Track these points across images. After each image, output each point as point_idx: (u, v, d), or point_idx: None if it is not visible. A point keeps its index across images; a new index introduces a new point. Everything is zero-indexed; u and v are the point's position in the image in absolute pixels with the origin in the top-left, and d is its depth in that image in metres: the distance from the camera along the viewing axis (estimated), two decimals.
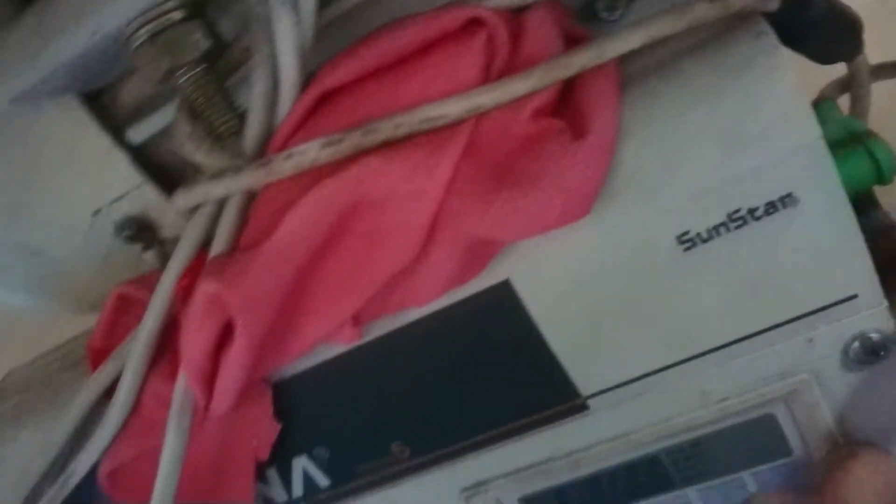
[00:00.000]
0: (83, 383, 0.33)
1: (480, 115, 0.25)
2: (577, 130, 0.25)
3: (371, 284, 0.24)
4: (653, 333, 0.29)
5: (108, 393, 0.33)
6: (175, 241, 0.35)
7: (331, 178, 0.24)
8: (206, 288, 0.24)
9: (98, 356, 0.34)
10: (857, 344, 0.28)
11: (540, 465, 0.33)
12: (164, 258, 0.35)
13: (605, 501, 0.34)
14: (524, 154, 0.25)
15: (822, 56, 0.29)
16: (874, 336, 0.28)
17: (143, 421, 0.32)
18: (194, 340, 0.26)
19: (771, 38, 0.25)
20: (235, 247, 0.27)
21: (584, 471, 0.33)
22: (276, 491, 0.35)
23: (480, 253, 0.26)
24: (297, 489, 0.35)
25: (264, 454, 0.32)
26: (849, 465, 0.28)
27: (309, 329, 0.26)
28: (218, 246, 0.27)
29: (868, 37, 0.32)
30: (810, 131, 0.25)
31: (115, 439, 0.32)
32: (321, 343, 0.28)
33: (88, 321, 0.36)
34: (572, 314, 0.28)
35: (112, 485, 0.33)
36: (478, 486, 0.33)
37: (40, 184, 0.33)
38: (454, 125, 0.25)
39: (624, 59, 0.27)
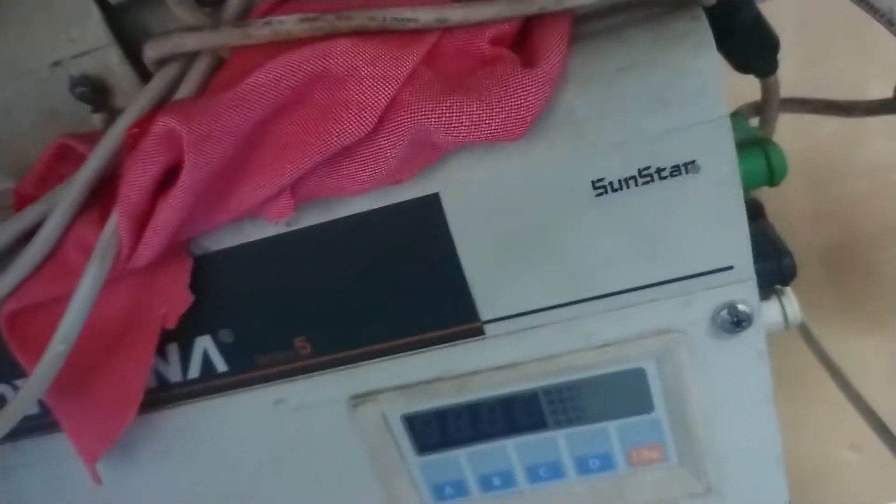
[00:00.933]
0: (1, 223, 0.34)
1: (444, 31, 0.28)
2: (527, 63, 0.28)
3: (318, 152, 0.26)
4: (555, 270, 0.32)
5: (26, 239, 0.34)
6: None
7: (300, 47, 0.26)
8: (163, 121, 0.26)
9: (24, 202, 0.34)
10: (725, 312, 0.32)
11: (428, 383, 0.35)
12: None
13: (482, 432, 0.36)
14: (477, 71, 0.27)
15: (739, 62, 0.34)
16: (741, 307, 0.32)
17: (59, 265, 0.32)
18: (137, 177, 0.27)
19: (703, 22, 0.29)
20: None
21: (468, 396, 0.35)
22: (172, 370, 0.36)
23: (419, 153, 0.28)
24: (194, 370, 0.36)
25: (172, 322, 0.33)
26: None
27: (248, 189, 0.28)
28: (181, 96, 0.28)
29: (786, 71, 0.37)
30: (720, 107, 0.28)
31: (26, 280, 0.33)
32: (255, 207, 0.29)
33: None
34: (488, 237, 0.31)
35: (10, 327, 0.34)
36: (366, 396, 0.35)
37: (6, 21, 0.33)
38: (420, 33, 0.27)
39: (577, 22, 0.30)
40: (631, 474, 0.37)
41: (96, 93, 0.35)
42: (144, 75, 0.35)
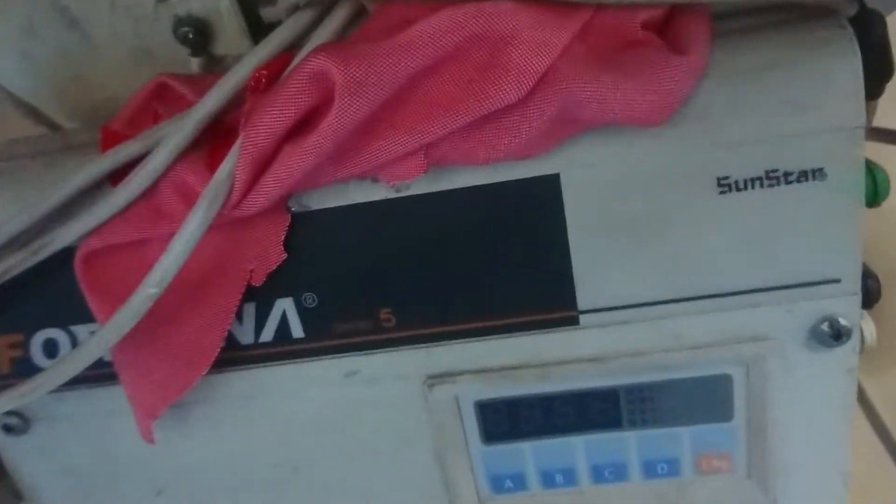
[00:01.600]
0: (88, 161, 0.32)
1: (599, 8, 0.27)
2: (676, 51, 0.27)
3: (468, 113, 0.26)
4: (662, 265, 0.31)
5: (111, 178, 0.32)
6: (224, 61, 0.35)
7: (461, 4, 0.25)
8: (317, 60, 0.25)
9: (112, 139, 0.33)
10: (826, 325, 0.32)
11: (511, 369, 0.34)
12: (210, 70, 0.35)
13: (553, 426, 0.36)
14: (629, 52, 0.27)
15: None
16: (842, 321, 0.32)
17: (152, 207, 0.31)
18: (271, 119, 0.26)
19: (849, 31, 0.29)
20: None
21: (548, 387, 0.35)
22: (245, 331, 0.34)
23: (556, 127, 0.28)
24: (268, 333, 0.34)
25: (259, 279, 0.32)
26: None
27: (384, 143, 0.27)
28: (316, 42, 0.27)
29: None
30: (858, 117, 0.28)
31: (112, 220, 0.31)
32: (382, 165, 0.28)
33: None
34: (601, 224, 0.31)
35: (86, 267, 0.32)
36: (444, 377, 0.34)
37: None
38: (577, 7, 0.27)
39: (715, 19, 0.30)
40: (695, 481, 0.37)
41: (199, 35, 0.33)
42: (251, 25, 0.34)
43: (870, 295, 0.35)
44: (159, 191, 0.31)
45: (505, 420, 0.36)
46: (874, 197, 0.33)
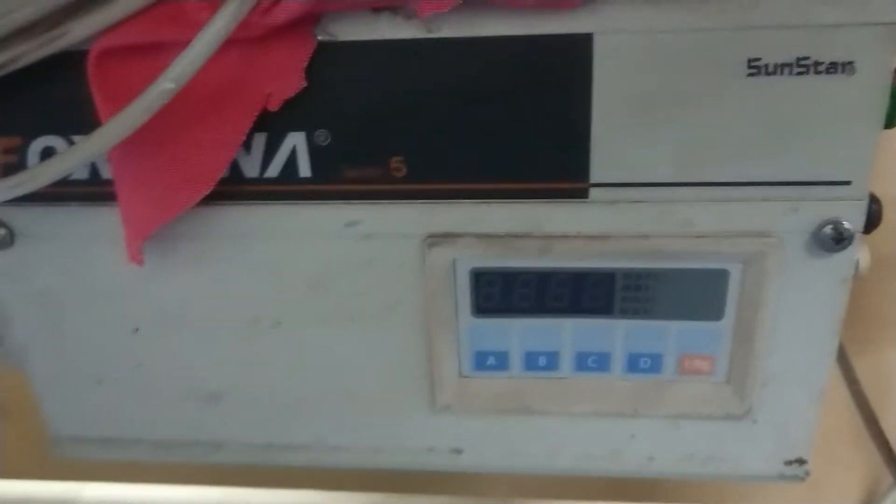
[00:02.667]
0: None
1: None
2: None
3: None
4: (681, 144, 0.31)
5: None
6: None
7: None
8: None
9: None
10: (830, 227, 0.32)
11: (513, 237, 0.34)
12: None
13: (544, 306, 0.36)
14: None
15: None
16: (846, 224, 0.32)
17: (174, 9, 0.30)
18: None
19: None
20: None
21: (547, 262, 0.35)
22: (250, 163, 0.34)
23: None
24: (275, 169, 0.34)
25: (275, 104, 0.31)
26: None
27: None
28: None
29: None
30: (894, 12, 0.29)
31: (132, 17, 0.30)
32: None
33: None
34: (627, 93, 0.31)
35: (98, 68, 0.31)
36: (445, 238, 0.34)
37: None
38: None
39: None
40: (674, 382, 0.37)
41: None
42: None
43: (871, 218, 0.35)
44: None
45: (498, 293, 0.36)
46: (890, 119, 0.34)
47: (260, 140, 0.33)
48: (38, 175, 0.30)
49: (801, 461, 0.38)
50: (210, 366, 0.39)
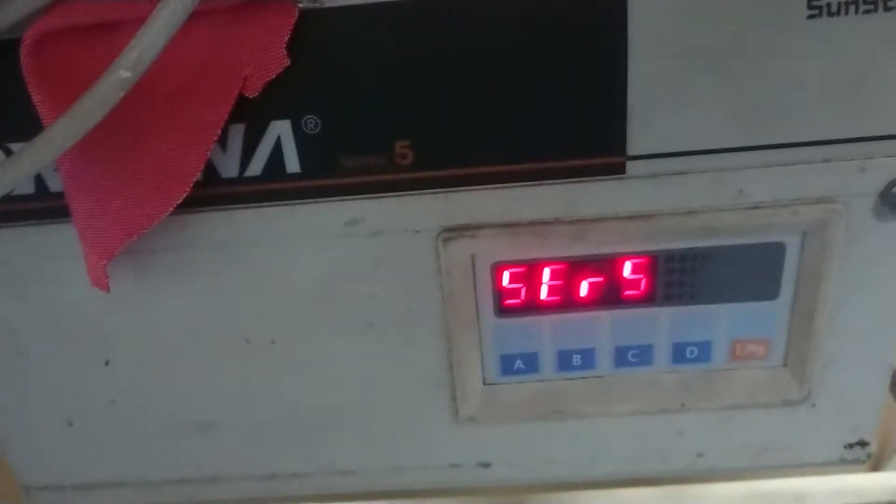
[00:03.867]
0: None
1: None
2: None
3: None
4: (731, 102, 0.27)
5: None
6: None
7: None
8: None
9: None
10: None
11: (541, 224, 0.30)
12: None
13: (578, 300, 0.31)
14: None
15: None
16: None
17: None
18: None
19: None
20: None
21: (580, 249, 0.30)
22: (228, 161, 0.29)
23: None
24: (257, 166, 0.29)
25: (254, 88, 0.26)
26: None
27: None
28: None
29: None
30: None
31: None
32: None
33: None
34: (670, 49, 0.26)
35: (35, 57, 0.26)
36: (463, 230, 0.30)
37: None
38: None
39: None
40: (725, 371, 0.33)
41: None
42: None
43: None
44: None
45: (525, 289, 0.31)
46: None
47: (238, 132, 0.28)
48: None
49: (863, 443, 0.35)
50: (197, 395, 0.34)
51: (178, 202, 0.27)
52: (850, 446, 0.35)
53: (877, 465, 0.74)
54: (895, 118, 0.27)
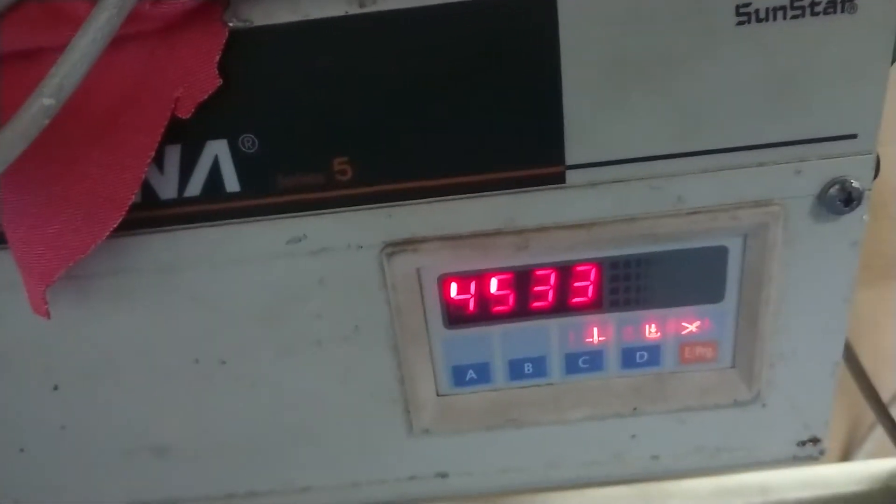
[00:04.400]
0: None
1: None
2: None
3: None
4: (665, 110, 0.27)
5: None
6: None
7: None
8: None
9: None
10: (836, 188, 0.29)
11: (485, 236, 0.30)
12: None
13: (526, 309, 0.31)
14: None
15: None
16: (854, 183, 0.28)
17: (48, 9, 0.24)
18: None
19: None
20: None
21: (525, 259, 0.30)
22: (165, 182, 0.28)
23: None
24: (195, 186, 0.28)
25: (187, 110, 0.26)
26: None
27: None
28: None
29: None
30: None
31: (2, 17, 0.25)
32: None
33: None
34: (601, 58, 0.26)
35: None
36: (406, 245, 0.30)
37: None
38: None
39: None
40: (675, 374, 0.33)
41: None
42: None
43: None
44: None
45: (473, 300, 0.31)
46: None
47: (174, 153, 0.28)
48: None
49: (815, 440, 0.35)
50: (149, 417, 0.34)
51: (114, 227, 0.27)
52: (803, 443, 0.35)
53: (845, 455, 0.74)
54: (827, 121, 0.27)
